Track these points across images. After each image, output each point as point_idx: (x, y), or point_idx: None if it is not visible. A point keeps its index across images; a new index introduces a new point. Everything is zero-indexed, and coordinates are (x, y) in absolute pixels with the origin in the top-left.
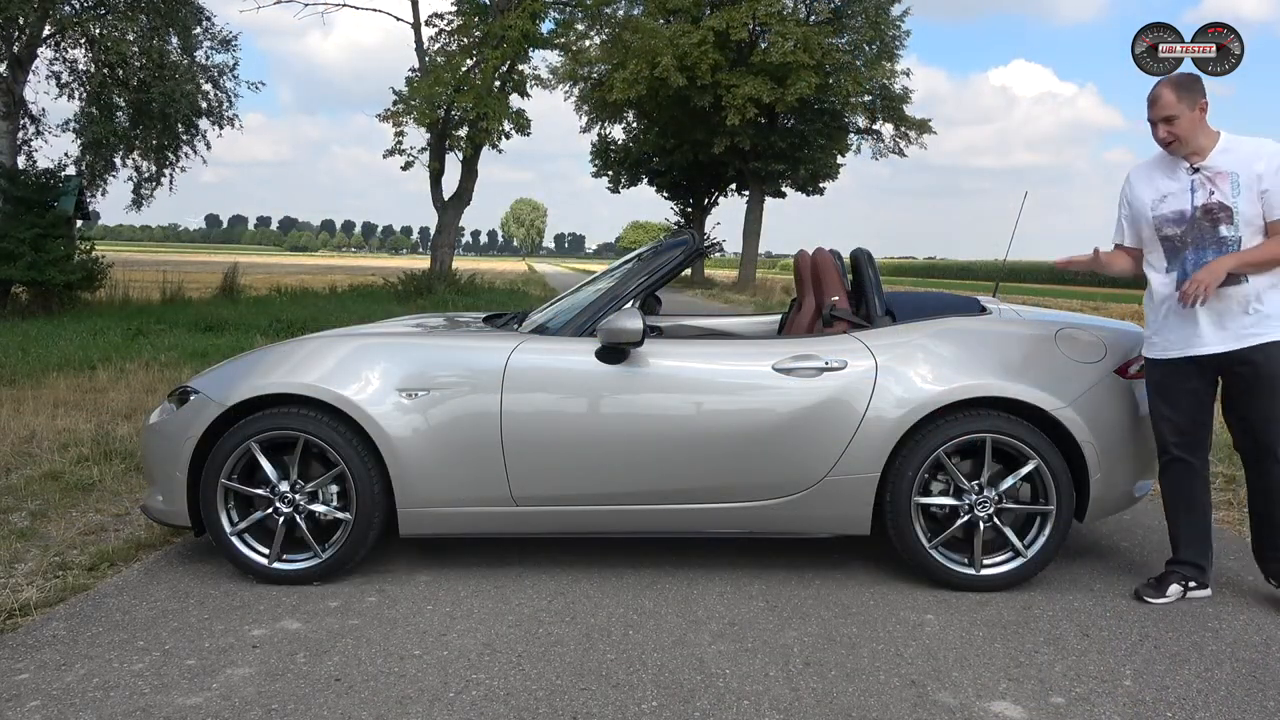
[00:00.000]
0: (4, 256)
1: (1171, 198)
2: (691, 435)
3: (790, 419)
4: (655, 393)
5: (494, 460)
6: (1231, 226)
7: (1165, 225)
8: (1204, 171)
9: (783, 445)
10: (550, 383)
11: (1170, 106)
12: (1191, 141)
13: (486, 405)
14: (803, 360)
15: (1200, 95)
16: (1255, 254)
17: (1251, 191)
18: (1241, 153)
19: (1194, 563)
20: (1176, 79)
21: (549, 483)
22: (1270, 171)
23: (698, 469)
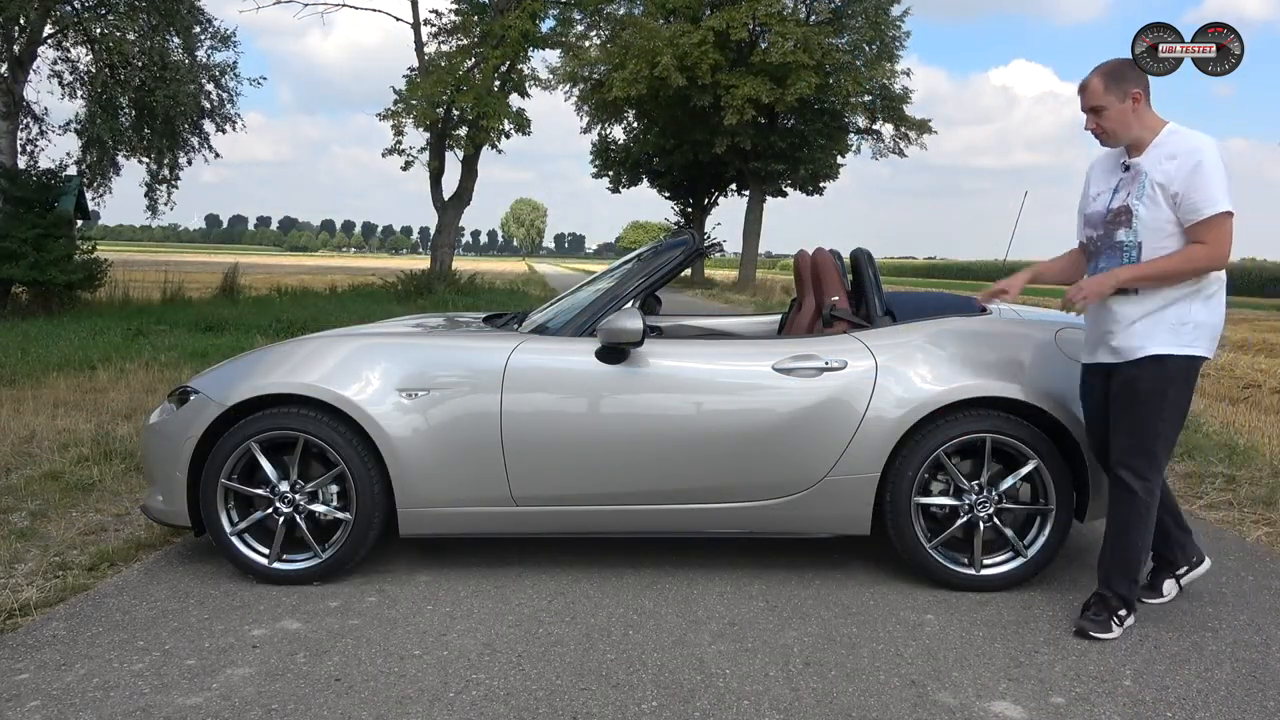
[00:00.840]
0: (5, 256)
1: (1100, 196)
2: (691, 435)
3: (790, 419)
4: (655, 393)
5: (494, 460)
6: (1129, 231)
7: (1086, 226)
8: (1131, 170)
9: (783, 445)
10: (550, 383)
11: (1096, 96)
12: (1124, 135)
13: (486, 405)
14: (803, 360)
15: (1132, 84)
16: (1151, 268)
17: (1159, 193)
18: (1163, 150)
19: (1167, 558)
20: (1107, 66)
21: (549, 483)
22: (1181, 172)
23: (698, 469)
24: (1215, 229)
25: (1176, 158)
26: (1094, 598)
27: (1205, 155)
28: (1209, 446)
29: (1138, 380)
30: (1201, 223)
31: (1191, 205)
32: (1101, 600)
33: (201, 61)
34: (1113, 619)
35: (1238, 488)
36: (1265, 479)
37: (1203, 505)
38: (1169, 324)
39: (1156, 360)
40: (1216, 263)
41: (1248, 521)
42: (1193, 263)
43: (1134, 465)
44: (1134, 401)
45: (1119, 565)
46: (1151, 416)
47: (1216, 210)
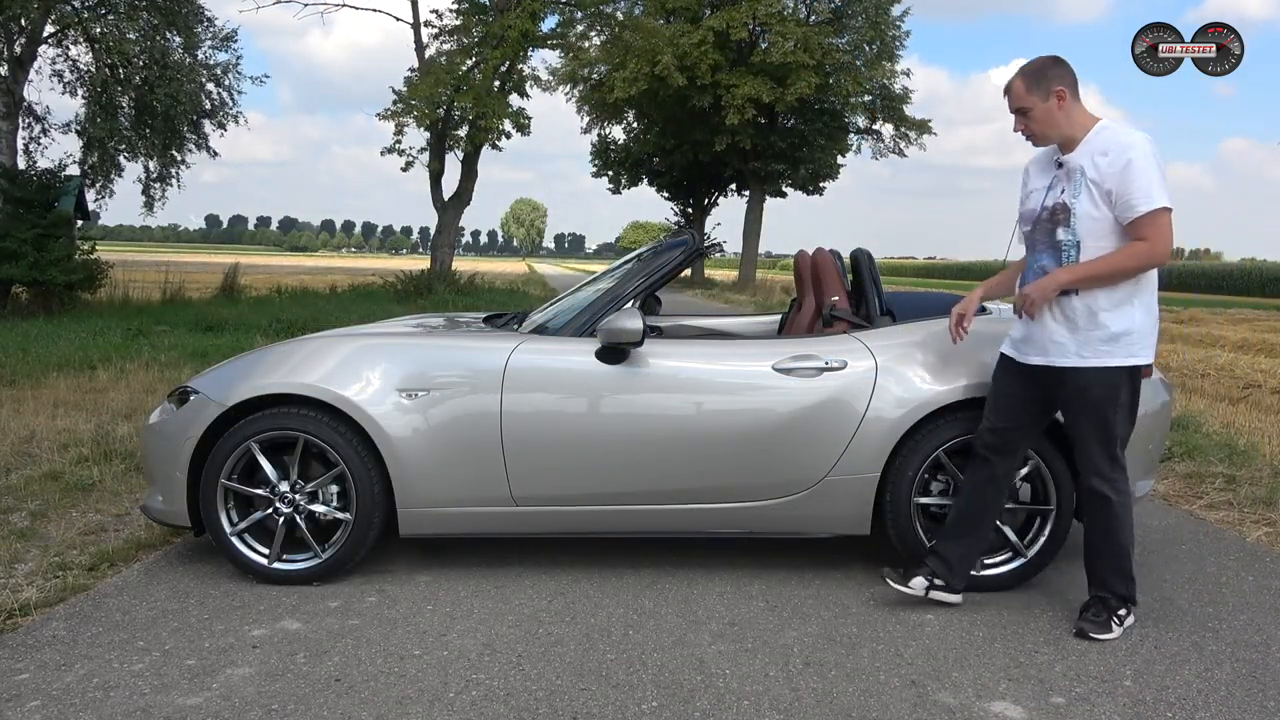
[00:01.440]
0: (6, 256)
1: (1035, 193)
2: (692, 435)
3: (790, 419)
4: (655, 393)
5: (494, 460)
6: (1068, 230)
7: (1023, 222)
8: (1064, 166)
9: (783, 445)
10: (550, 383)
11: (1020, 97)
12: (1052, 134)
13: (486, 405)
14: (803, 360)
15: (1055, 83)
16: (1093, 268)
17: (1094, 190)
18: (1095, 146)
19: (946, 559)
20: (1029, 66)
21: (549, 483)
22: (1115, 169)
23: (698, 469)
24: (1154, 224)
25: (1109, 154)
26: (1092, 600)
27: (1136, 151)
28: (1209, 446)
29: (1089, 390)
30: (1139, 219)
31: (1127, 202)
32: (1100, 601)
33: (202, 61)
34: (1113, 619)
35: (1238, 488)
36: (1265, 479)
37: (1203, 505)
38: (1112, 333)
39: (1101, 371)
40: (1158, 259)
41: (1248, 521)
42: (1135, 259)
43: (1102, 472)
44: (1089, 411)
45: (1113, 567)
46: (1109, 423)
47: (1153, 206)
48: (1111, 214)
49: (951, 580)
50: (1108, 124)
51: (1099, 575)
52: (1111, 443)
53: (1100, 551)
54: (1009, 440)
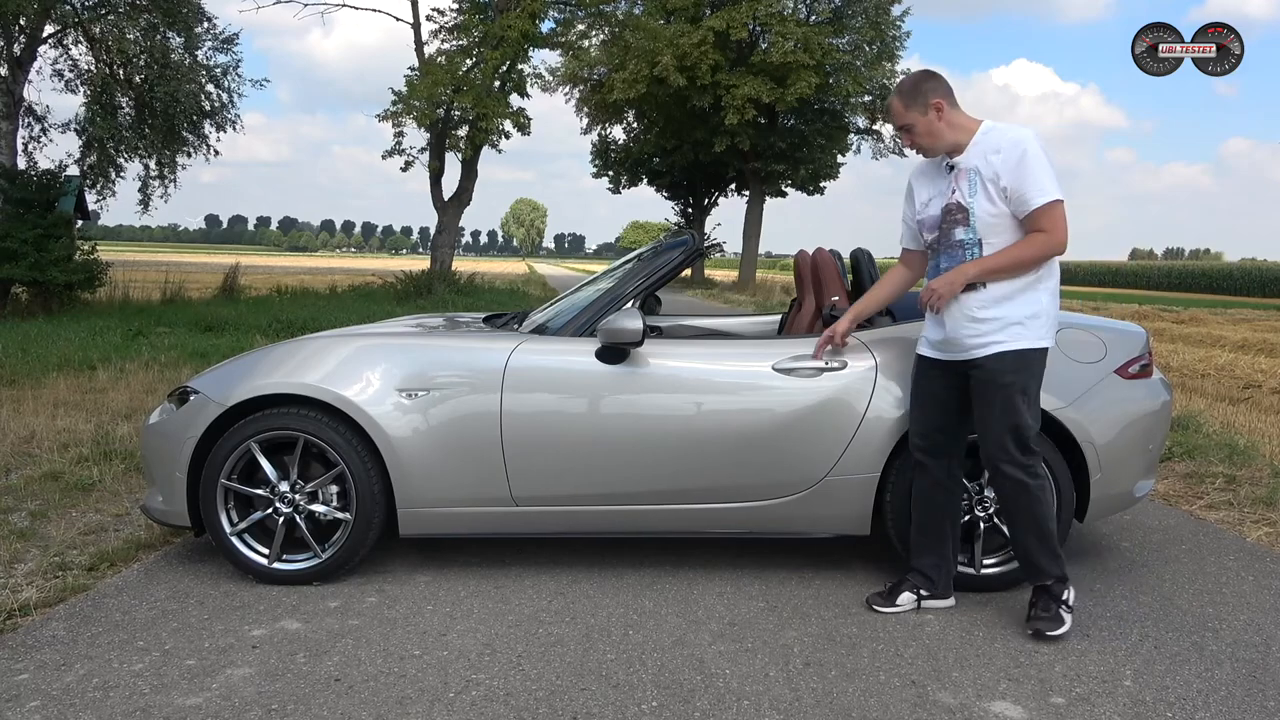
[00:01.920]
0: (6, 256)
1: (933, 200)
2: (691, 435)
3: (790, 419)
4: (655, 393)
5: (494, 460)
6: (968, 229)
7: (924, 230)
8: (956, 169)
9: (782, 445)
10: (550, 383)
11: (900, 116)
12: (939, 145)
13: (486, 405)
14: (803, 360)
15: (930, 96)
16: (997, 260)
17: (990, 188)
18: (985, 146)
19: (924, 573)
20: (903, 84)
21: (549, 483)
22: (1009, 165)
23: (697, 469)
24: (1050, 216)
25: (1001, 151)
26: (1036, 594)
27: (1029, 146)
28: (1209, 446)
29: (999, 375)
30: (1036, 211)
31: (1022, 196)
32: (1045, 591)
33: (202, 62)
34: (1061, 608)
35: (1238, 488)
36: (1265, 479)
37: (1203, 505)
38: (1021, 318)
39: (1016, 355)
40: (1057, 248)
41: (1248, 521)
42: (1036, 249)
43: (1014, 458)
44: (999, 396)
45: (1043, 551)
46: (1018, 408)
47: (1048, 199)
48: (1008, 209)
49: (936, 589)
50: (992, 124)
51: (1034, 564)
52: (1022, 428)
53: (1029, 540)
54: (939, 443)
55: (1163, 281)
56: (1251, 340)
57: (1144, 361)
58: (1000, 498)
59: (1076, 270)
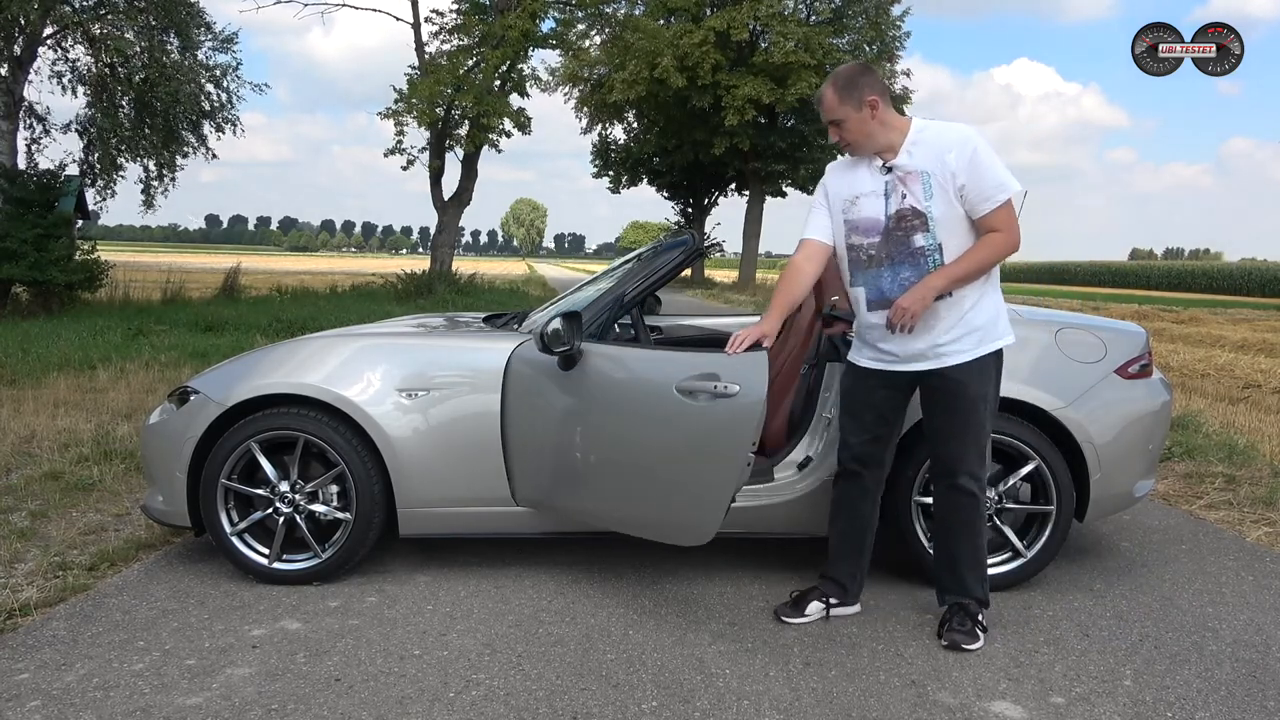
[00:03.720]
0: (6, 256)
1: (864, 200)
2: (614, 452)
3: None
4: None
5: (494, 460)
6: (927, 235)
7: (854, 233)
8: (896, 171)
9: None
10: (551, 383)
11: (832, 109)
12: (868, 144)
13: (486, 405)
14: (704, 381)
15: (867, 91)
16: (962, 267)
17: (946, 191)
18: (932, 146)
19: (839, 581)
20: (838, 76)
21: (550, 482)
22: (964, 164)
23: (619, 488)
24: (1008, 214)
25: (953, 150)
26: (952, 609)
27: (977, 143)
28: (1209, 446)
29: (967, 384)
30: (996, 210)
31: (982, 194)
32: (962, 609)
33: (202, 62)
34: (976, 626)
35: (1238, 488)
36: (1265, 479)
37: (1203, 505)
38: (982, 323)
39: (980, 362)
40: (1013, 246)
41: (1248, 521)
42: (995, 251)
43: (971, 469)
44: (963, 406)
45: (973, 569)
46: (982, 417)
47: (1007, 194)
48: (964, 210)
49: (847, 598)
50: (926, 122)
51: (961, 581)
52: (982, 439)
53: (964, 555)
54: (873, 454)
55: (1163, 281)
56: (1251, 340)
57: (1144, 361)
58: (946, 510)
59: (1076, 270)
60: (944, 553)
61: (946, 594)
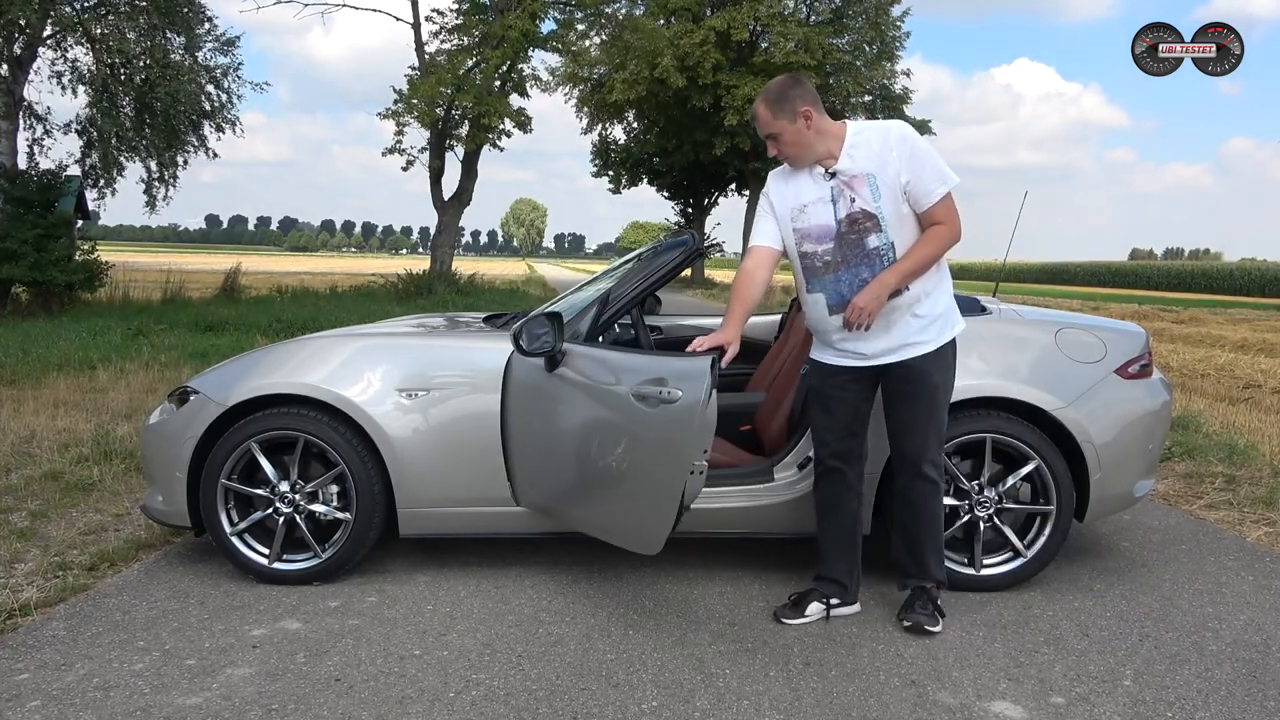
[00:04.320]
0: (6, 256)
1: (812, 208)
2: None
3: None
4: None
5: (494, 460)
6: (880, 234)
7: (805, 240)
8: (840, 176)
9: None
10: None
11: (767, 124)
12: (807, 154)
13: (487, 405)
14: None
15: (799, 103)
16: (912, 262)
17: (893, 189)
18: (871, 147)
19: (837, 580)
20: (769, 91)
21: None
22: (905, 159)
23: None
24: (946, 207)
25: (893, 149)
26: (916, 593)
27: (913, 140)
28: (1209, 446)
29: (929, 375)
30: (937, 204)
31: (925, 189)
32: (923, 593)
33: (203, 63)
34: (936, 610)
35: (1238, 488)
36: (1265, 479)
37: (1203, 505)
38: (940, 313)
39: (938, 352)
40: (956, 237)
41: (1248, 521)
42: (940, 243)
43: (934, 458)
44: (925, 396)
45: (935, 552)
46: (942, 406)
47: (948, 187)
48: (908, 207)
49: (847, 596)
50: (860, 124)
51: (924, 564)
52: (942, 428)
53: (926, 540)
54: (851, 449)
55: (1162, 281)
56: (1251, 340)
57: (1144, 361)
58: (911, 499)
59: (1077, 270)
60: (908, 539)
61: (909, 578)
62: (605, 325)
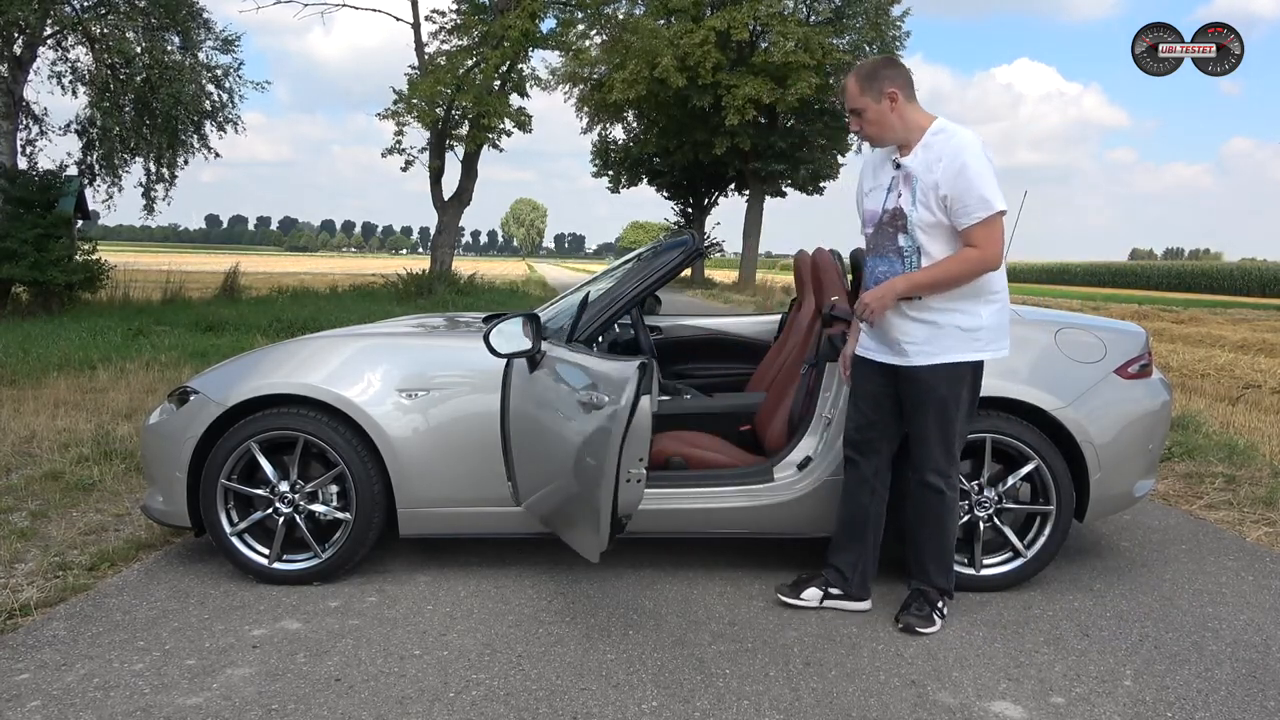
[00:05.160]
0: (6, 256)
1: (875, 193)
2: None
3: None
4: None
5: (494, 460)
6: (907, 236)
7: (863, 223)
8: (902, 169)
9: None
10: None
11: (853, 98)
12: (887, 135)
13: (487, 405)
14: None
15: (888, 83)
16: (927, 275)
17: (930, 197)
18: (932, 151)
19: (838, 569)
20: (862, 67)
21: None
22: (949, 175)
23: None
24: (987, 231)
25: (943, 159)
26: (913, 594)
27: (969, 155)
28: (1209, 446)
29: (934, 388)
30: (974, 225)
31: (963, 208)
32: (922, 595)
33: (203, 62)
34: (934, 612)
35: (1238, 488)
36: (1265, 479)
37: (1203, 505)
38: (960, 331)
39: (949, 367)
40: (989, 265)
41: (1248, 521)
42: (967, 267)
43: (940, 468)
44: (933, 407)
45: (937, 560)
46: (951, 420)
47: (989, 212)
48: (947, 220)
49: (849, 588)
50: (942, 125)
51: (923, 568)
52: (951, 440)
53: (928, 546)
54: (871, 440)
55: (1163, 281)
56: (1251, 340)
57: (1144, 361)
58: (914, 502)
59: (1077, 270)
60: (911, 540)
61: (911, 578)
62: (604, 326)
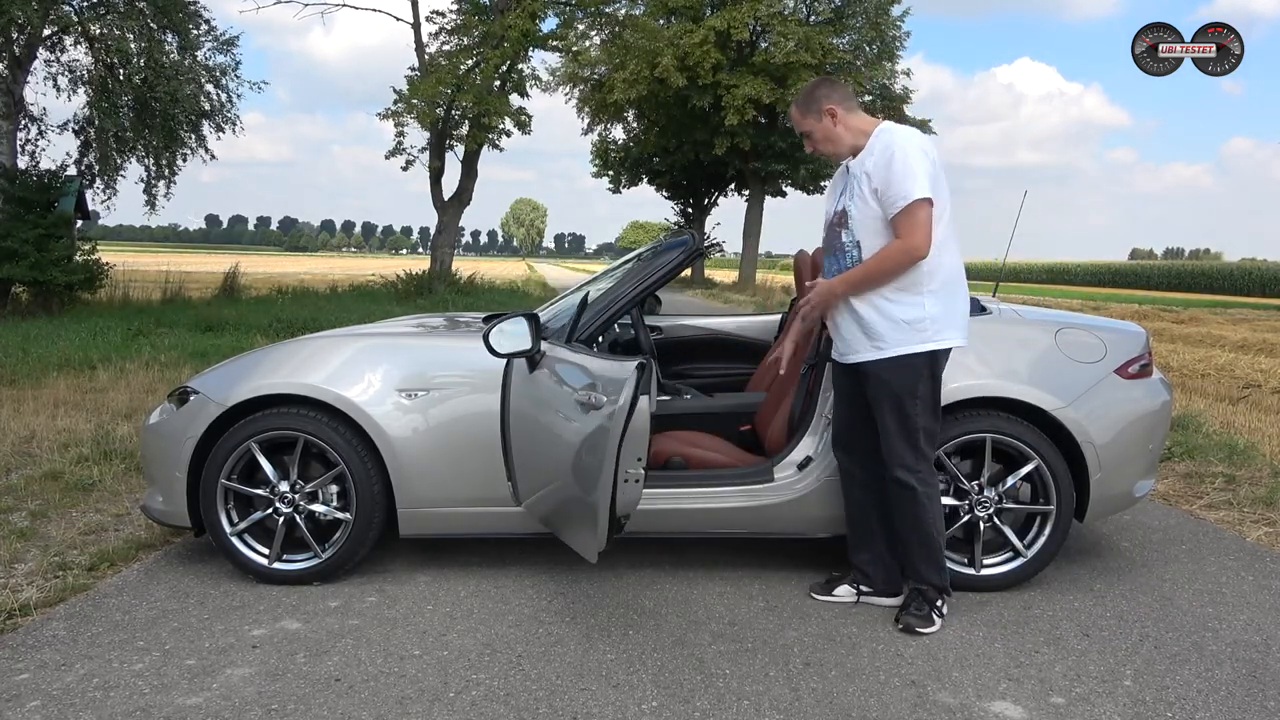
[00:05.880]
0: (6, 256)
1: (830, 197)
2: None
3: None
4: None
5: (494, 460)
6: (849, 232)
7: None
8: (851, 172)
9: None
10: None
11: (799, 123)
12: (840, 149)
13: (487, 405)
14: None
15: (824, 102)
16: (858, 272)
17: (864, 189)
18: (869, 151)
19: (860, 569)
20: (800, 93)
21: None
22: (879, 167)
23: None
24: (910, 220)
25: (874, 153)
26: (912, 594)
27: (897, 149)
28: (1209, 446)
29: (887, 382)
30: (898, 215)
31: (889, 198)
32: (920, 594)
33: (201, 62)
34: (933, 611)
35: (1238, 488)
36: (1265, 479)
37: (1203, 505)
38: (904, 323)
39: (899, 360)
40: (916, 254)
41: (1248, 521)
42: (893, 260)
43: (906, 463)
44: (888, 402)
45: (924, 558)
46: (910, 414)
47: (909, 200)
48: (881, 211)
49: (875, 585)
50: (886, 126)
51: (913, 566)
52: (913, 433)
53: (911, 543)
54: (851, 440)
55: (1163, 281)
56: (1251, 340)
57: (1144, 361)
58: (890, 499)
59: (1077, 271)
60: (897, 539)
61: (907, 579)
62: (604, 326)
